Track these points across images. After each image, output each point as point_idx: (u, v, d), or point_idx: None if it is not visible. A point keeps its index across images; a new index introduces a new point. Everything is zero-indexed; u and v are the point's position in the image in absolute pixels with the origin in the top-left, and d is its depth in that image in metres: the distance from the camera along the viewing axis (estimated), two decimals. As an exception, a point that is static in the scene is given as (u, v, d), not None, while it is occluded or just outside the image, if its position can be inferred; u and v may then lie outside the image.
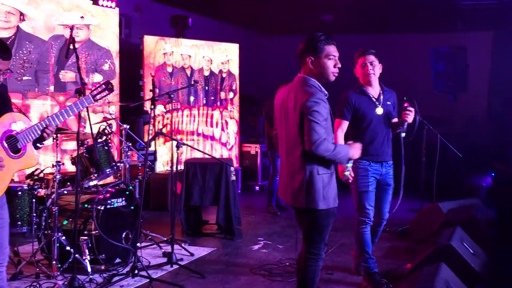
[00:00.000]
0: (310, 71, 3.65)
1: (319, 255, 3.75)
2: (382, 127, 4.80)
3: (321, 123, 3.50)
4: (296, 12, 10.37)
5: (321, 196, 3.61)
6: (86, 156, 5.36)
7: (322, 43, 3.61)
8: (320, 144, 3.47)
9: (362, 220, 4.86)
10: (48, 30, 7.08)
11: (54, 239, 4.92)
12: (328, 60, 3.62)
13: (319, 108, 3.50)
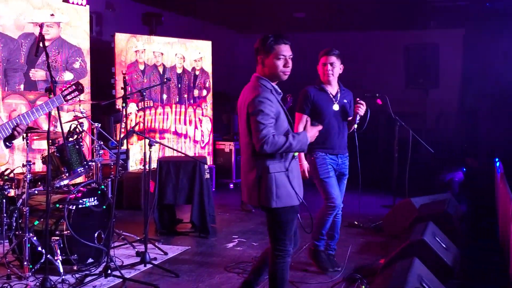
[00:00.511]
0: (262, 70, 3.69)
1: (286, 251, 3.74)
2: (337, 122, 5.15)
3: (267, 122, 3.52)
4: (269, 9, 10.37)
5: (274, 194, 3.62)
6: (57, 155, 5.29)
7: (272, 43, 3.62)
8: (266, 143, 3.49)
9: (331, 205, 5.13)
10: (17, 28, 6.96)
11: (25, 240, 4.84)
12: (278, 60, 3.63)
13: (264, 107, 3.52)
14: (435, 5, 9.52)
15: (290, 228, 3.75)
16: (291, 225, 3.74)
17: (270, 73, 3.66)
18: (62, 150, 5.29)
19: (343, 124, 5.22)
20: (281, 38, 3.63)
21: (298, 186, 3.77)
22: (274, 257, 3.75)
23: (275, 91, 3.67)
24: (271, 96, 3.59)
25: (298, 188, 3.76)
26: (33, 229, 5.01)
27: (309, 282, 5.00)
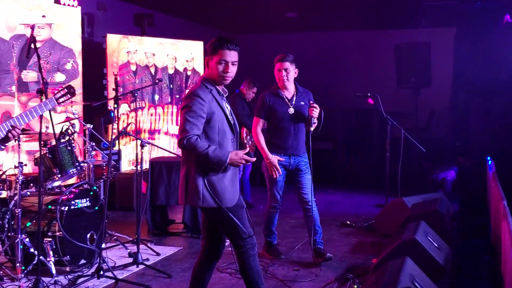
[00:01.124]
0: (208, 71, 3.73)
1: (245, 245, 3.70)
2: (292, 125, 5.45)
3: (193, 119, 3.54)
4: (261, 10, 10.38)
5: (201, 194, 3.60)
6: (49, 156, 5.28)
7: (218, 47, 3.63)
8: (187, 140, 3.51)
9: (273, 205, 5.58)
10: (9, 29, 6.93)
11: (18, 241, 4.83)
12: (219, 65, 3.64)
13: (193, 104, 3.56)
14: (426, 4, 9.55)
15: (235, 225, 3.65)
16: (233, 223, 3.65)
17: (212, 76, 3.69)
18: (54, 151, 5.28)
19: (299, 126, 5.49)
20: (227, 42, 3.61)
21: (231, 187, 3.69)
22: (238, 255, 3.75)
23: (216, 92, 3.69)
24: (207, 95, 3.62)
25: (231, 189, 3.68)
26: (25, 230, 5.00)
27: (301, 281, 5.02)
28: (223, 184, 3.63)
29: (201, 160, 3.56)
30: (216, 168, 3.57)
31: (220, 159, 3.53)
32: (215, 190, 3.61)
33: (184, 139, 3.51)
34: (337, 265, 5.46)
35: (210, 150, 3.51)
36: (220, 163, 3.54)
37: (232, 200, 3.66)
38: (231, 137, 3.73)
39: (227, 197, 3.64)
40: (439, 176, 9.34)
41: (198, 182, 3.59)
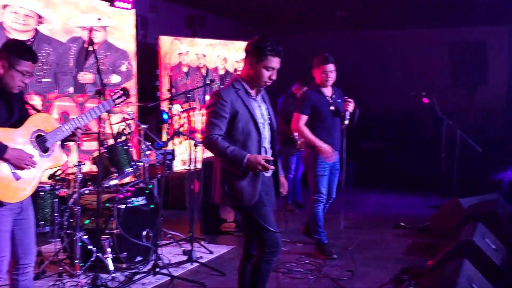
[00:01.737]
0: (247, 72, 3.69)
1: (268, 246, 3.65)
2: (334, 122, 5.63)
3: (215, 119, 3.56)
4: (310, 9, 10.35)
5: (222, 193, 3.65)
6: (107, 156, 5.40)
7: (268, 52, 3.59)
8: (209, 140, 3.55)
9: (317, 199, 5.64)
10: (66, 32, 7.13)
11: (76, 238, 4.96)
12: (266, 71, 3.62)
13: (214, 105, 3.58)
14: (480, 1, 9.33)
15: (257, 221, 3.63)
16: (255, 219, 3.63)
17: (253, 79, 3.67)
18: (111, 151, 5.40)
19: (337, 123, 5.68)
20: (277, 49, 3.60)
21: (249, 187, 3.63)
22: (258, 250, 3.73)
23: (244, 92, 3.66)
24: (230, 95, 3.60)
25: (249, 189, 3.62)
26: (83, 228, 5.13)
27: (355, 282, 4.98)
28: (240, 184, 3.60)
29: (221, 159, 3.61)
30: (235, 168, 3.56)
31: (237, 159, 3.51)
32: (233, 189, 3.61)
33: (205, 138, 3.57)
34: (392, 266, 5.39)
35: (228, 149, 3.51)
36: (236, 163, 3.52)
37: (250, 199, 3.61)
38: (257, 138, 3.67)
39: (245, 197, 3.60)
40: (495, 176, 9.10)
41: (221, 181, 3.65)
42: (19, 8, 6.47)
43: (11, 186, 3.25)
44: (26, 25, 6.55)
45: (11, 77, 3.30)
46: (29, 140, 3.37)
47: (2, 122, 3.26)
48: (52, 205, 5.21)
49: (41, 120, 3.47)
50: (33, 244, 3.51)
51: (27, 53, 3.36)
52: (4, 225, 3.26)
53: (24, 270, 3.46)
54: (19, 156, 3.25)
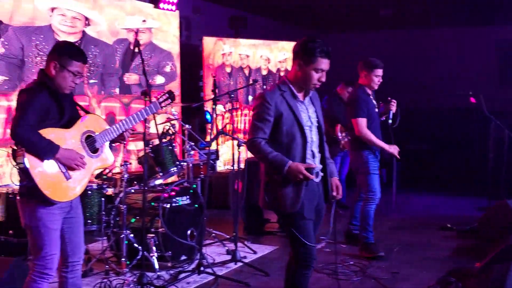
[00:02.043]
0: (295, 74, 3.55)
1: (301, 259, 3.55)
2: (378, 122, 5.79)
3: (259, 122, 3.47)
4: (354, 8, 10.26)
5: (265, 197, 3.56)
6: (152, 155, 5.47)
7: (317, 54, 3.47)
8: (252, 144, 3.47)
9: (372, 198, 5.67)
10: (112, 34, 7.26)
11: (123, 237, 5.04)
12: (315, 73, 3.49)
13: (259, 107, 3.49)
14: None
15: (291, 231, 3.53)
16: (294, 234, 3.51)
17: (302, 81, 3.55)
18: (156, 150, 5.47)
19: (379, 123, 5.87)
20: (327, 51, 3.49)
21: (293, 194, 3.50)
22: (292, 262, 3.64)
23: (290, 94, 3.55)
24: (275, 98, 3.49)
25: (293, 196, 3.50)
26: (130, 226, 5.21)
27: (401, 284, 4.92)
28: (284, 190, 3.48)
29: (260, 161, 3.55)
30: (277, 174, 3.46)
31: (278, 166, 3.41)
32: (275, 194, 3.51)
33: (249, 142, 3.51)
34: (438, 268, 5.30)
35: (271, 155, 3.42)
36: (277, 170, 3.42)
37: (292, 206, 3.48)
38: (301, 142, 3.53)
39: (288, 203, 3.48)
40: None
41: (265, 184, 3.58)
42: (67, 10, 6.62)
43: (61, 185, 3.32)
44: (73, 27, 6.70)
45: (63, 78, 3.37)
46: (79, 141, 3.44)
47: (53, 122, 3.34)
48: (99, 204, 5.31)
49: (91, 121, 3.54)
50: (82, 242, 3.59)
51: (78, 54, 3.43)
52: (54, 223, 3.34)
53: (73, 267, 3.53)
54: (70, 156, 3.32)
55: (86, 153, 3.46)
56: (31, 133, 3.18)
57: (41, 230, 3.30)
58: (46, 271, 3.33)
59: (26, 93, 3.32)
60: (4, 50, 5.84)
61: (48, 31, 6.33)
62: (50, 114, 3.32)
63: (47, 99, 3.32)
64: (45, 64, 3.45)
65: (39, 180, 3.22)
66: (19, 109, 3.25)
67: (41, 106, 3.27)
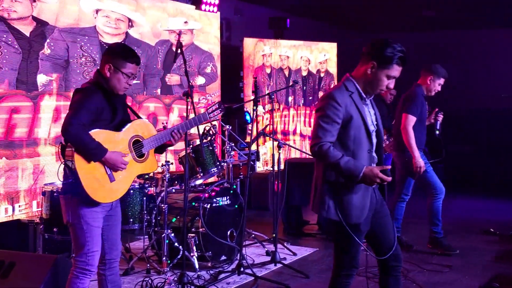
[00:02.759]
0: (364, 75, 3.32)
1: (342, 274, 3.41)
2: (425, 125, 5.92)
3: (327, 125, 3.21)
4: (397, 9, 10.15)
5: (326, 205, 3.27)
6: (193, 156, 5.52)
7: (395, 60, 3.26)
8: (320, 148, 3.19)
9: (436, 193, 5.83)
10: (154, 35, 7.35)
11: (164, 236, 5.10)
12: (387, 79, 3.30)
13: (327, 108, 3.23)
14: None
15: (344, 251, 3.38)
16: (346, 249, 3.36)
17: (371, 83, 3.32)
18: (197, 151, 5.51)
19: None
20: (404, 59, 3.28)
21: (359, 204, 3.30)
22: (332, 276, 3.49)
23: (358, 96, 3.33)
24: (344, 99, 3.26)
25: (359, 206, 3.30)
26: (171, 226, 5.26)
27: None
28: (350, 199, 3.26)
29: (331, 169, 3.26)
30: (348, 181, 3.23)
31: (352, 172, 3.15)
32: (341, 203, 3.26)
33: (316, 146, 3.21)
34: (481, 273, 5.20)
35: (342, 161, 3.15)
36: (351, 176, 3.17)
37: (358, 217, 3.28)
38: (367, 147, 3.32)
39: (353, 213, 3.27)
40: None
41: (325, 191, 3.29)
42: (111, 12, 6.73)
43: (106, 187, 3.39)
44: (117, 28, 6.80)
45: (117, 79, 3.43)
46: (127, 145, 3.50)
47: (105, 123, 3.40)
48: (141, 203, 5.39)
49: (141, 126, 3.59)
50: (119, 240, 3.64)
51: (131, 56, 3.48)
52: (96, 221, 3.40)
53: (111, 265, 3.59)
54: (116, 159, 3.38)
55: (133, 157, 3.51)
56: (82, 133, 3.24)
57: (83, 227, 3.36)
58: (88, 268, 3.39)
59: (81, 92, 3.38)
60: (50, 51, 5.97)
61: (92, 33, 6.45)
62: (102, 114, 3.37)
63: (101, 99, 3.38)
64: (100, 65, 3.51)
65: (84, 179, 3.28)
66: (73, 108, 3.30)
67: (95, 106, 3.33)
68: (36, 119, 5.86)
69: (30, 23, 5.76)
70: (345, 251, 3.38)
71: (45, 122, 5.94)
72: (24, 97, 5.74)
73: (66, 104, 6.06)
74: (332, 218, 3.29)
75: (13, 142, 5.64)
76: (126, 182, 3.50)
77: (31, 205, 5.80)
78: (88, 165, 3.31)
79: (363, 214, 3.29)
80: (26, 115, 5.75)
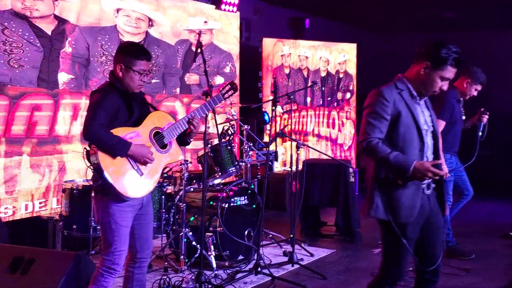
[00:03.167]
0: (417, 75, 3.28)
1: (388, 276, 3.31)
2: (460, 128, 5.77)
3: (375, 121, 3.16)
4: (417, 10, 10.07)
5: (374, 204, 3.20)
6: (211, 155, 5.53)
7: (449, 62, 3.20)
8: (365, 143, 3.15)
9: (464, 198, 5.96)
10: (174, 35, 7.38)
11: (182, 235, 5.12)
12: (440, 81, 3.25)
13: (375, 104, 3.19)
14: None
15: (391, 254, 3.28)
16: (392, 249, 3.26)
17: (424, 84, 3.27)
18: (216, 150, 5.52)
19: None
20: (458, 60, 3.22)
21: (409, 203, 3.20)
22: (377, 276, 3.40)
23: (408, 93, 3.28)
24: (393, 95, 3.22)
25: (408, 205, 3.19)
26: (188, 224, 5.28)
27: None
28: (400, 197, 3.17)
29: (380, 166, 3.21)
30: (397, 177, 3.15)
31: (402, 166, 3.07)
32: (390, 201, 3.17)
33: (364, 142, 3.16)
34: (500, 278, 5.15)
35: (391, 155, 3.08)
36: (401, 171, 3.09)
37: (407, 217, 3.17)
38: (419, 146, 3.22)
39: (402, 213, 3.17)
40: None
41: (374, 190, 3.23)
42: (132, 11, 6.77)
43: (135, 182, 3.42)
44: (137, 28, 6.84)
45: (130, 78, 3.46)
46: (148, 137, 3.52)
47: (122, 122, 3.43)
48: (159, 202, 5.41)
49: (158, 117, 3.61)
50: (150, 239, 3.66)
51: (141, 53, 3.50)
52: (124, 220, 3.42)
53: (141, 264, 3.62)
54: (142, 152, 3.41)
55: (156, 149, 3.54)
56: (103, 131, 3.28)
57: (112, 226, 3.39)
58: (113, 267, 3.41)
59: (97, 93, 3.43)
60: (71, 49, 6.02)
61: (113, 32, 6.49)
62: (119, 113, 3.41)
63: (117, 99, 3.42)
64: (113, 66, 3.55)
65: (112, 178, 3.31)
66: (91, 109, 3.35)
67: (111, 106, 3.36)
68: (57, 116, 5.91)
69: (51, 21, 5.82)
70: (391, 257, 3.28)
71: (65, 120, 5.99)
72: (45, 95, 5.80)
73: (86, 102, 6.11)
74: (380, 218, 3.21)
75: (34, 139, 5.70)
76: (155, 174, 3.53)
77: (51, 202, 5.85)
78: (114, 165, 3.33)
79: (412, 214, 3.19)
80: (47, 113, 5.81)
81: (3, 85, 5.41)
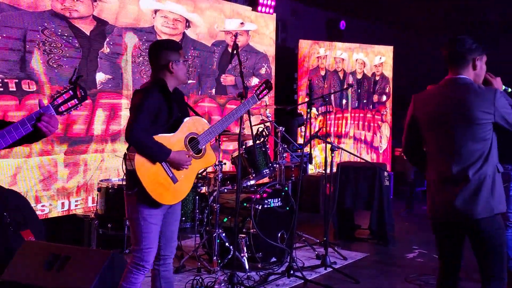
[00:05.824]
0: (474, 73, 3.20)
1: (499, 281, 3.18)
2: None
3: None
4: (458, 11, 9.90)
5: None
6: (245, 156, 5.53)
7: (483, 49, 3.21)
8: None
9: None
10: (210, 36, 7.42)
11: (215, 236, 5.13)
12: (484, 66, 3.23)
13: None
14: None
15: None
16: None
17: (479, 77, 3.24)
18: (250, 152, 5.52)
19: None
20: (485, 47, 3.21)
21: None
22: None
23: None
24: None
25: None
26: (222, 225, 5.29)
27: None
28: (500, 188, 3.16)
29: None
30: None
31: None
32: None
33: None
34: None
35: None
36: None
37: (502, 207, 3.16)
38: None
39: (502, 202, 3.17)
40: None
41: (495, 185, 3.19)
42: (169, 13, 6.82)
43: (170, 189, 3.43)
44: (175, 29, 6.90)
45: (181, 70, 3.53)
46: (183, 144, 3.53)
47: (162, 123, 3.44)
48: (193, 202, 5.44)
49: (194, 123, 3.62)
50: (175, 237, 3.66)
51: (177, 45, 3.63)
52: (154, 218, 3.44)
53: (165, 261, 3.62)
54: (181, 158, 3.43)
55: (191, 155, 3.55)
56: (145, 137, 3.31)
57: (141, 223, 3.41)
58: (143, 263, 3.43)
59: (140, 93, 3.45)
60: (109, 50, 6.10)
61: (151, 33, 6.55)
62: (160, 114, 3.41)
63: (159, 99, 3.43)
64: (155, 67, 3.55)
65: (148, 186, 3.33)
66: (133, 112, 3.37)
67: (154, 107, 3.38)
68: (94, 116, 6.00)
69: (90, 22, 5.91)
70: (498, 255, 3.18)
71: (102, 120, 6.08)
72: (83, 95, 5.88)
73: (123, 102, 6.19)
74: (496, 213, 3.12)
75: (72, 138, 5.79)
76: (189, 181, 3.55)
77: (86, 201, 5.94)
78: (149, 172, 3.35)
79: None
80: (84, 112, 5.90)
81: (42, 84, 5.52)
